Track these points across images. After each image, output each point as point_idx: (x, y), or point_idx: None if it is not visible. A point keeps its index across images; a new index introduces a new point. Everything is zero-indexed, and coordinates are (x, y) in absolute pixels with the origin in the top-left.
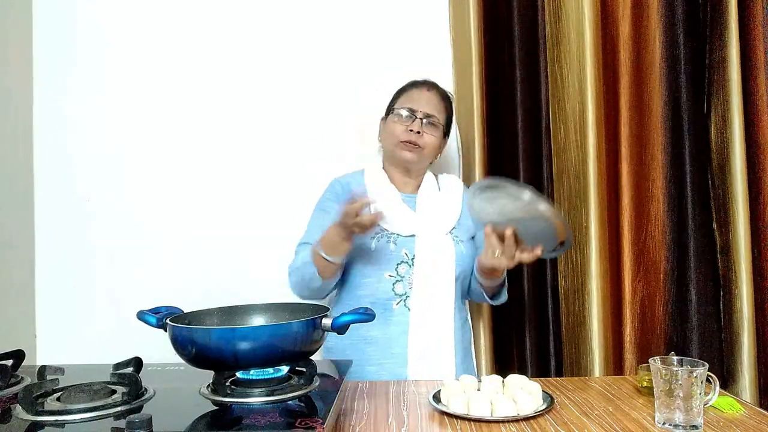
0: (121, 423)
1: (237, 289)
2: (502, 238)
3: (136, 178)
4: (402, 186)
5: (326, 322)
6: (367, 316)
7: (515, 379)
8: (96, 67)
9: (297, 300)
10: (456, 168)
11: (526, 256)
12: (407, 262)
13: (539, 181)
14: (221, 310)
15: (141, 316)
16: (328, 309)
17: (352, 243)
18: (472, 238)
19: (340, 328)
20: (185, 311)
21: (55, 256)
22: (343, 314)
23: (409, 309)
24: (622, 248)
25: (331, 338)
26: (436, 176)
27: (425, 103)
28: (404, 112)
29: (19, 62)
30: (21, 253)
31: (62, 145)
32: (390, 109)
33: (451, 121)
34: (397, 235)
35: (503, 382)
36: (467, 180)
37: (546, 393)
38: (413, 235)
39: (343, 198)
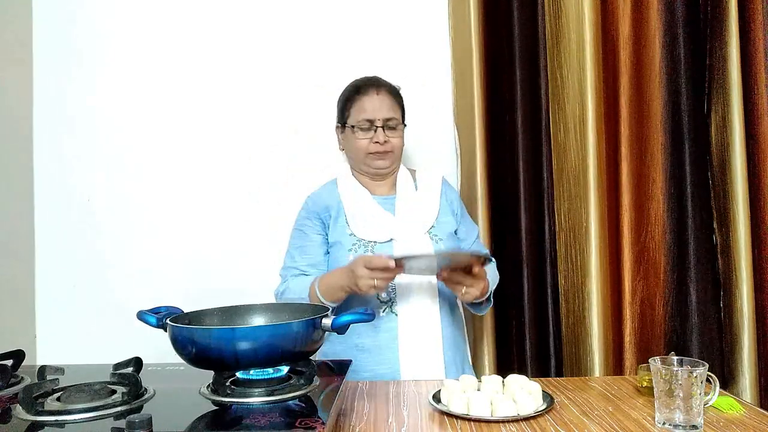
0: (121, 423)
1: (237, 289)
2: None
3: (136, 179)
4: (375, 188)
5: (326, 322)
6: (366, 315)
7: (515, 379)
8: (96, 67)
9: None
10: (455, 169)
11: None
12: None
13: (539, 181)
14: (221, 310)
15: (141, 316)
16: (329, 309)
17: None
18: (455, 232)
19: (340, 328)
20: (185, 311)
21: (55, 257)
22: (343, 314)
23: (396, 314)
24: (622, 248)
25: (327, 344)
26: (413, 172)
27: (379, 108)
28: (363, 125)
29: (19, 62)
30: (21, 252)
31: (62, 145)
32: (344, 120)
33: (404, 109)
34: (374, 242)
35: (503, 382)
36: (468, 181)
37: (546, 393)
38: (391, 240)
39: (316, 212)
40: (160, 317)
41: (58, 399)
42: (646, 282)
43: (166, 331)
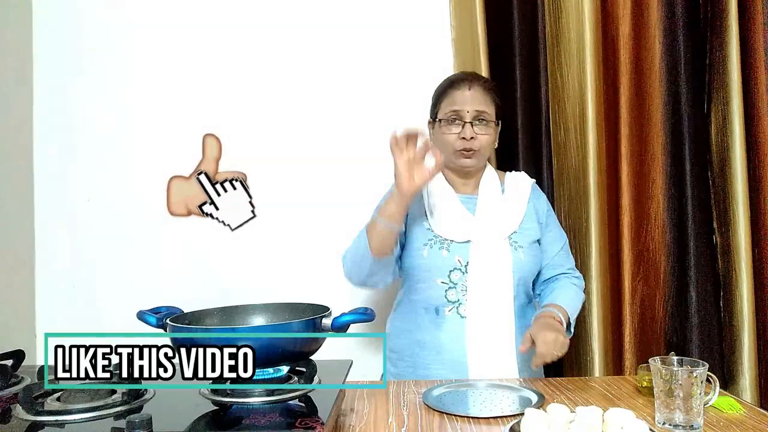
0: (121, 423)
1: (237, 289)
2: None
3: (136, 179)
4: (461, 187)
5: (326, 322)
6: (366, 315)
7: (618, 415)
8: (96, 67)
9: (297, 300)
10: None
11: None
12: (460, 269)
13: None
14: (221, 310)
15: (141, 316)
16: (329, 309)
17: (406, 208)
18: (537, 241)
19: (340, 328)
20: (185, 311)
21: (55, 256)
22: (343, 314)
23: (462, 317)
24: (622, 248)
25: (391, 339)
26: (501, 175)
27: (470, 102)
28: (451, 117)
29: (19, 62)
30: (21, 253)
31: (62, 145)
32: (434, 115)
33: (500, 106)
34: (451, 241)
35: (603, 416)
36: None
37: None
38: (468, 241)
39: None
40: (160, 317)
41: (58, 399)
42: (646, 282)
43: (166, 331)
